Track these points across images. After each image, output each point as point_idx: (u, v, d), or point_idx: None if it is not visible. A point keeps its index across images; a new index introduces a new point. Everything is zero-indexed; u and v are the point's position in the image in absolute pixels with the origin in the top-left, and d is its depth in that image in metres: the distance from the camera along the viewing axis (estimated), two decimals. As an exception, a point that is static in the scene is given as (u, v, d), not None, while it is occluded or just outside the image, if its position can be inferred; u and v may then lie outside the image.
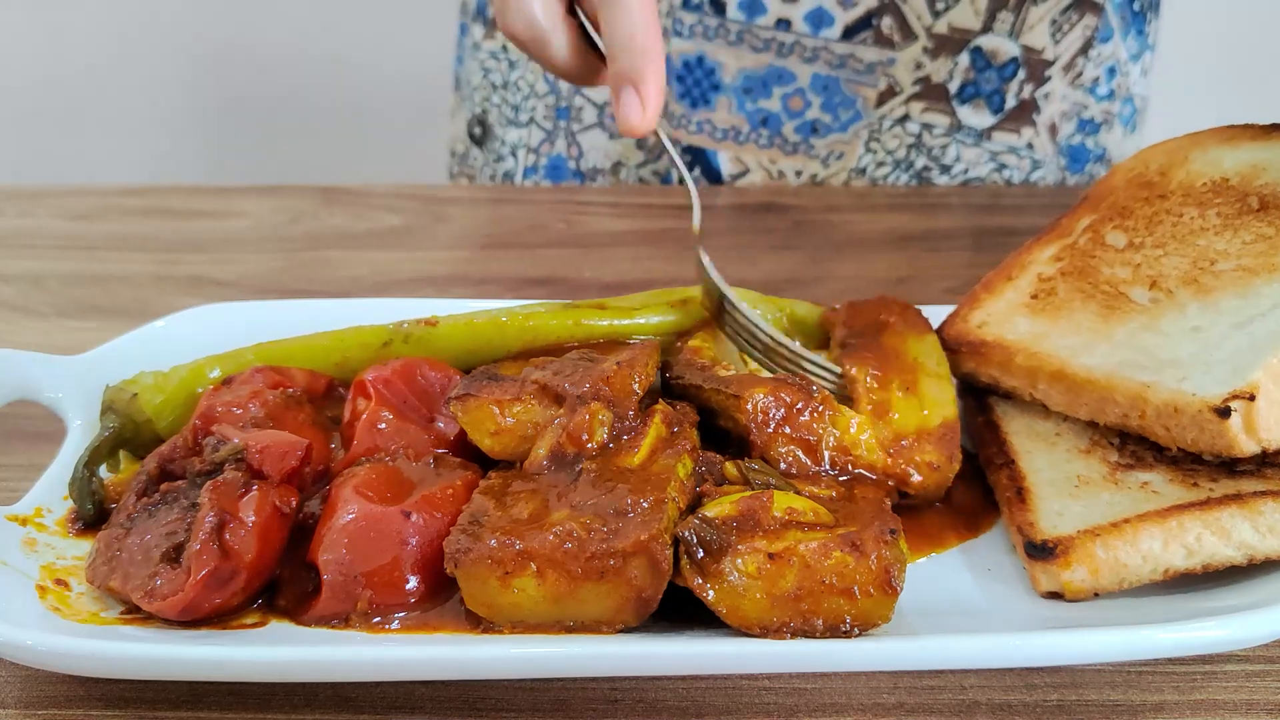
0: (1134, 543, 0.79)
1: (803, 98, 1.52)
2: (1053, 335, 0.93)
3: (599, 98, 1.58)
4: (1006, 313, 0.97)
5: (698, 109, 1.54)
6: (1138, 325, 0.90)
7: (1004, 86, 1.53)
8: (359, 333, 0.99)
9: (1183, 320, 0.89)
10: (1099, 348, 0.90)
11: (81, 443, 0.92)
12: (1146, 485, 0.83)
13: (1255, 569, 0.80)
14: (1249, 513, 0.78)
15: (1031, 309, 0.97)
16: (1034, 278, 1.00)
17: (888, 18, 1.47)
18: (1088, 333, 0.92)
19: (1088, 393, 0.87)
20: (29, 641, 0.72)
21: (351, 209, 1.53)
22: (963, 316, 0.99)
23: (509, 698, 0.77)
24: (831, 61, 1.49)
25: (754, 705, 0.77)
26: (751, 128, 1.54)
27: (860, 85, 1.51)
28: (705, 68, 1.51)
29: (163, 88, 2.93)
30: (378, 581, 0.78)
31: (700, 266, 0.97)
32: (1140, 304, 0.92)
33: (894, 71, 1.50)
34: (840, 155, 1.55)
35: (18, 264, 1.37)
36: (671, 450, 0.82)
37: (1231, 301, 0.88)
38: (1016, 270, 1.01)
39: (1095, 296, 0.95)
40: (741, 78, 1.51)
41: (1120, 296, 0.94)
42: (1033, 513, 0.83)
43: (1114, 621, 0.77)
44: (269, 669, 0.73)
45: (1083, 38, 1.52)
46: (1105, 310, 0.93)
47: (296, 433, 0.87)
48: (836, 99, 1.52)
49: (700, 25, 1.50)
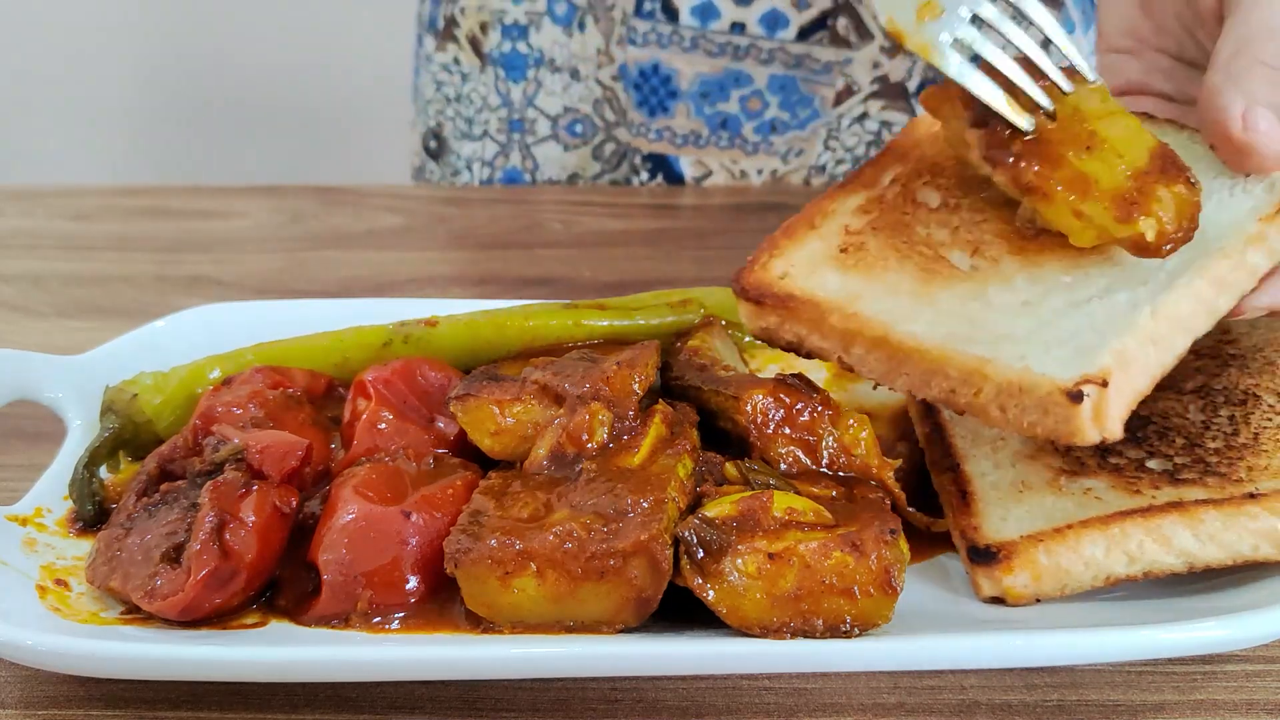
0: (1076, 549, 0.79)
1: (760, 99, 1.52)
2: (868, 296, 0.85)
3: (552, 110, 1.58)
4: (812, 265, 0.88)
5: (656, 117, 1.54)
6: (963, 292, 0.83)
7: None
8: (359, 333, 0.99)
9: (1010, 292, 0.82)
10: (923, 314, 0.82)
11: (81, 443, 0.92)
12: (1090, 491, 0.82)
13: (1254, 569, 0.80)
14: (1190, 521, 0.78)
15: (841, 264, 0.87)
16: (840, 229, 0.90)
17: (843, 18, 1.47)
18: (908, 296, 0.84)
19: (913, 364, 0.80)
20: (29, 641, 0.72)
21: (351, 209, 1.53)
22: (762, 264, 0.88)
23: (509, 697, 0.77)
24: (788, 63, 1.49)
25: (754, 705, 0.77)
26: (711, 131, 1.54)
27: (817, 85, 1.51)
28: (661, 75, 1.51)
29: (155, 89, 2.94)
30: (378, 581, 0.78)
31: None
32: (962, 269, 0.85)
33: (851, 71, 1.50)
34: (800, 152, 1.55)
35: (18, 264, 1.37)
36: (671, 450, 0.82)
37: (1061, 278, 0.82)
38: (819, 218, 0.91)
39: (912, 257, 0.87)
40: (698, 83, 1.51)
41: (940, 260, 0.86)
42: (976, 517, 0.83)
43: (1114, 622, 0.77)
44: (269, 669, 0.73)
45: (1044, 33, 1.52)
46: (925, 273, 0.85)
47: (296, 433, 0.87)
48: (794, 98, 1.52)
49: (654, 33, 1.49)
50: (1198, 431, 0.85)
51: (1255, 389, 0.88)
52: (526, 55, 1.56)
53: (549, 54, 1.55)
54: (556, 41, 1.54)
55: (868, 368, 0.83)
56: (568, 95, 1.56)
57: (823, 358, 0.85)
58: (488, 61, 1.58)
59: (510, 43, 1.56)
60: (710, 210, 1.51)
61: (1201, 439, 0.84)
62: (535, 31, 1.54)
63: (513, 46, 1.56)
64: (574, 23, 1.53)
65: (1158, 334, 0.77)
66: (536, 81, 1.56)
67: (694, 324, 0.99)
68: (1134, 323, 0.76)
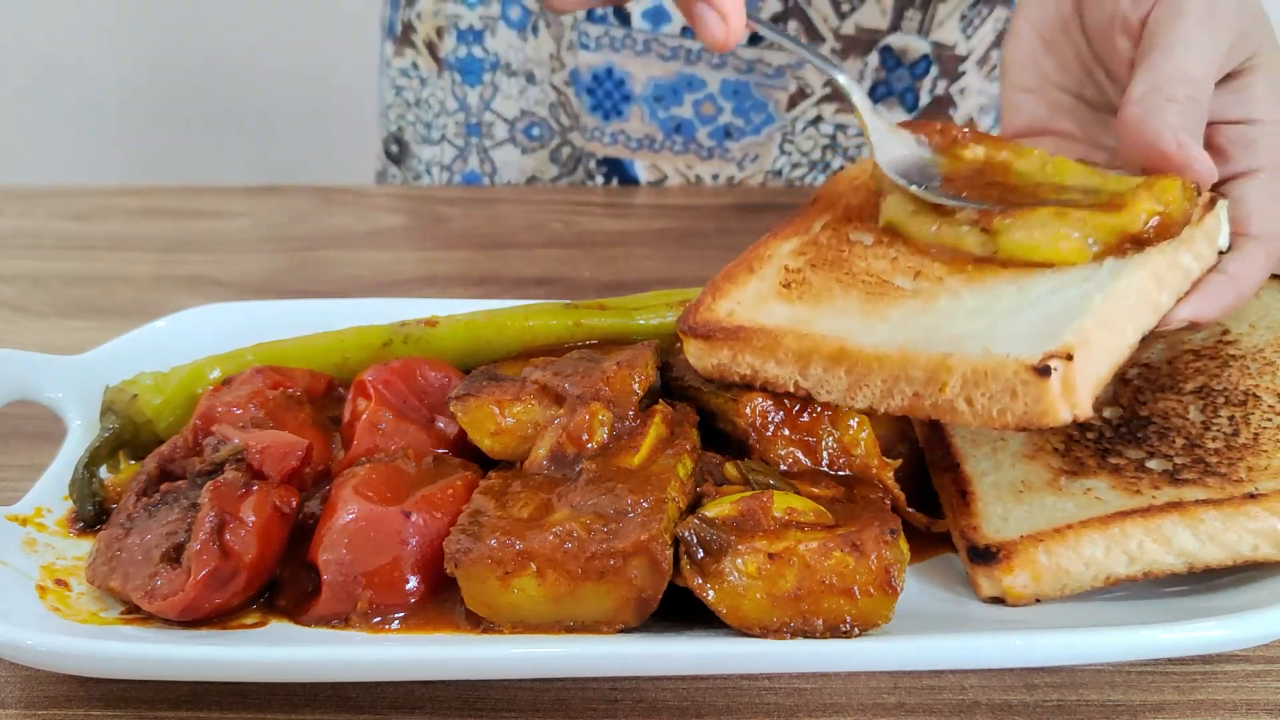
0: (1076, 549, 0.79)
1: (714, 103, 1.52)
2: (818, 320, 0.86)
3: (509, 113, 1.58)
4: (756, 301, 0.90)
5: (610, 120, 1.54)
6: (913, 307, 0.86)
7: (916, 84, 1.52)
8: (359, 333, 0.99)
9: (959, 303, 0.85)
10: (877, 328, 0.84)
11: (81, 443, 0.92)
12: (1090, 491, 0.82)
13: (1254, 569, 0.80)
14: (1190, 521, 0.78)
15: (786, 297, 0.89)
16: (780, 269, 0.92)
17: (793, 21, 1.47)
18: (859, 315, 0.86)
19: (876, 372, 0.81)
20: (29, 641, 0.72)
21: (351, 209, 1.54)
22: (708, 306, 0.90)
23: (509, 697, 0.77)
24: (739, 67, 1.49)
25: (754, 705, 0.77)
26: (665, 135, 1.54)
27: (770, 89, 1.51)
28: (615, 79, 1.51)
29: (156, 89, 2.94)
30: (378, 581, 0.78)
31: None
32: (907, 289, 0.87)
33: (803, 74, 1.50)
34: (755, 158, 1.55)
35: (18, 264, 1.37)
36: (671, 450, 0.82)
37: (1007, 287, 0.84)
38: (757, 263, 0.94)
39: (855, 285, 0.89)
40: (651, 87, 1.51)
41: (885, 284, 0.88)
42: (976, 517, 0.83)
43: (1114, 622, 0.77)
44: (269, 669, 0.73)
45: (994, 31, 1.52)
46: (871, 296, 0.87)
47: (297, 433, 0.87)
48: (748, 103, 1.52)
49: (607, 37, 1.49)
50: (1198, 432, 0.85)
51: (1255, 389, 0.88)
52: (482, 60, 1.56)
53: (504, 58, 1.56)
54: (511, 45, 1.55)
55: (826, 387, 0.84)
56: (524, 99, 1.57)
57: (777, 388, 0.85)
58: (444, 66, 1.59)
59: (466, 47, 1.57)
60: (710, 211, 1.51)
61: (1201, 439, 0.84)
62: (490, 36, 1.55)
63: (468, 51, 1.57)
64: (528, 27, 1.53)
65: (1110, 319, 0.79)
66: (493, 85, 1.57)
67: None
68: (1088, 307, 0.79)
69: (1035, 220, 0.85)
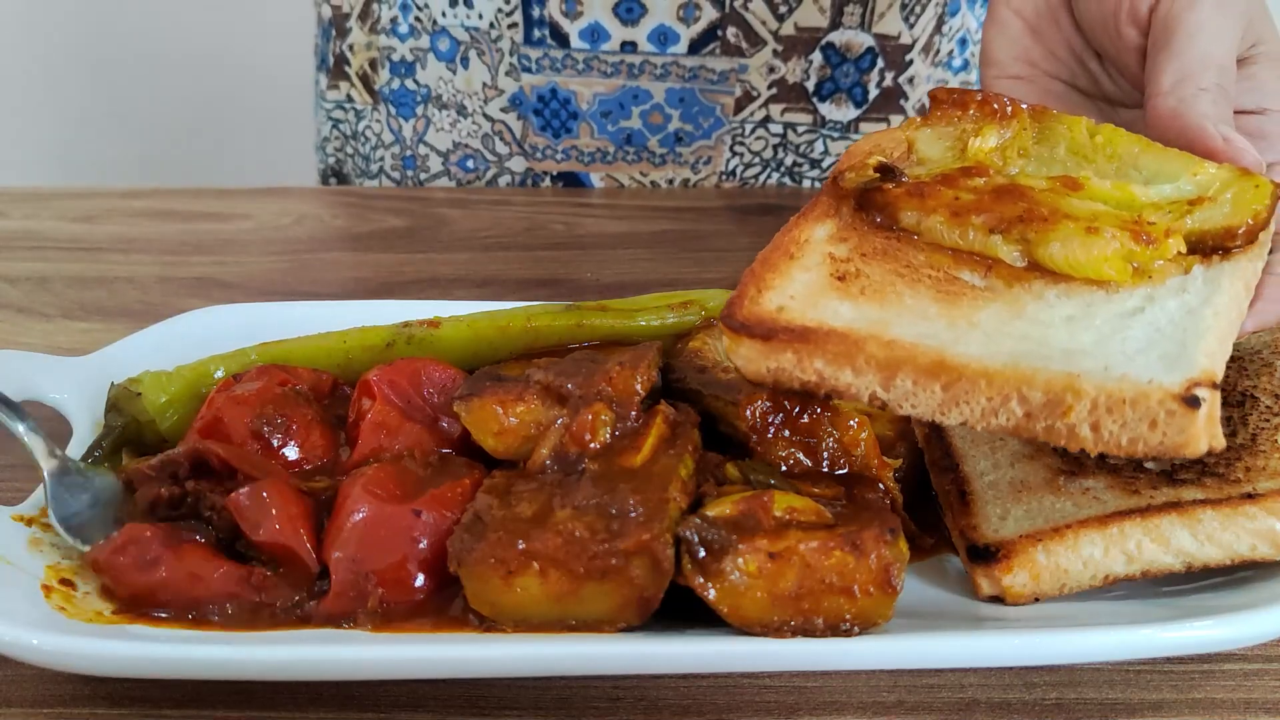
0: (1075, 548, 0.79)
1: (661, 113, 1.52)
2: (896, 323, 0.76)
3: (442, 146, 1.59)
4: (811, 295, 0.79)
5: (560, 138, 1.54)
6: (1000, 313, 0.76)
7: (863, 79, 1.52)
8: (362, 334, 0.99)
9: (1050, 309, 0.77)
10: (970, 336, 0.75)
11: (87, 444, 0.93)
12: (1088, 491, 0.83)
13: (1253, 569, 0.80)
14: (1188, 521, 0.78)
15: (845, 292, 0.78)
16: (824, 257, 0.82)
17: (732, 27, 1.47)
18: (941, 319, 0.76)
19: (982, 390, 0.72)
20: (35, 641, 0.72)
21: (354, 211, 1.54)
22: (753, 298, 0.78)
23: (512, 696, 0.77)
24: (683, 75, 1.49)
25: (755, 703, 0.77)
26: (617, 146, 1.55)
27: (716, 94, 1.51)
28: (560, 98, 1.51)
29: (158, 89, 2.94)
30: (388, 579, 0.78)
31: None
32: (982, 288, 0.79)
33: (747, 77, 1.50)
34: (708, 160, 1.56)
35: (23, 265, 1.37)
36: (673, 450, 0.82)
37: (1094, 292, 0.78)
38: (795, 248, 0.83)
39: (922, 281, 0.79)
40: (597, 103, 1.51)
41: (954, 280, 0.79)
42: (975, 516, 0.84)
43: (1113, 622, 0.77)
44: (274, 668, 0.73)
45: (935, 16, 1.52)
46: (946, 295, 0.78)
47: (304, 429, 0.88)
48: (695, 109, 1.52)
49: (546, 59, 1.49)
50: None
51: (1253, 390, 0.88)
52: (414, 92, 1.57)
53: (435, 90, 1.56)
54: (441, 78, 1.55)
55: (914, 401, 0.74)
56: (456, 131, 1.58)
57: (847, 397, 0.76)
58: (379, 98, 1.60)
59: (399, 79, 1.58)
60: (711, 213, 1.51)
61: None
62: (421, 68, 1.56)
63: (401, 83, 1.58)
64: (457, 59, 1.53)
65: (1223, 335, 0.74)
66: (425, 118, 1.58)
67: (695, 325, 0.99)
68: (1204, 325, 0.73)
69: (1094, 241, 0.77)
